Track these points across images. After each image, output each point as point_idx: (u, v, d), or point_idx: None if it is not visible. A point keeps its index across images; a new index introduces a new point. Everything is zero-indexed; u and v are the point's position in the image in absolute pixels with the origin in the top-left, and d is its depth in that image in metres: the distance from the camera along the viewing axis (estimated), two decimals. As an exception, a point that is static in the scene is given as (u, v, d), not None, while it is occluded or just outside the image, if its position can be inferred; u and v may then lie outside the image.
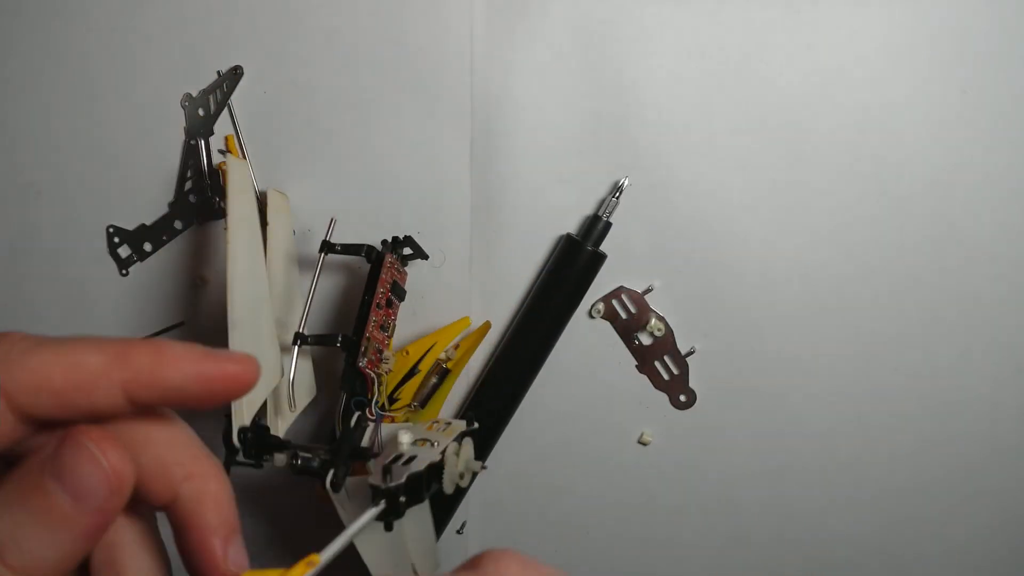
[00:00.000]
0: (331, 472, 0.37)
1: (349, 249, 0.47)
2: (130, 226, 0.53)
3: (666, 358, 0.51)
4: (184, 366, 0.22)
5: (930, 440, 0.51)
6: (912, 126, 0.48)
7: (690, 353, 0.51)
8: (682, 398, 0.52)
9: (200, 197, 0.52)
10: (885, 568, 0.54)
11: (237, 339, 0.40)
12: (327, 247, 0.47)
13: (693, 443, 0.53)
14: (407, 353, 0.48)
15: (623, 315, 0.51)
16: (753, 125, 0.49)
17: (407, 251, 0.50)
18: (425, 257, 0.50)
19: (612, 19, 0.49)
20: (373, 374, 0.44)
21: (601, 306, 0.51)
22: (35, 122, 0.53)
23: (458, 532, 0.55)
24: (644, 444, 0.53)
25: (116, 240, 0.53)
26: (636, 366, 0.52)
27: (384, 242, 0.49)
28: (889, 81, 0.48)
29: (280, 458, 0.39)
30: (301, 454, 0.38)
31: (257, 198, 0.49)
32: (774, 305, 0.50)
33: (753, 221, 0.50)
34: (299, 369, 0.46)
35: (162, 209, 0.53)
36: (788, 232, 0.50)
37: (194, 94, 0.51)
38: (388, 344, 0.47)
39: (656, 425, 0.52)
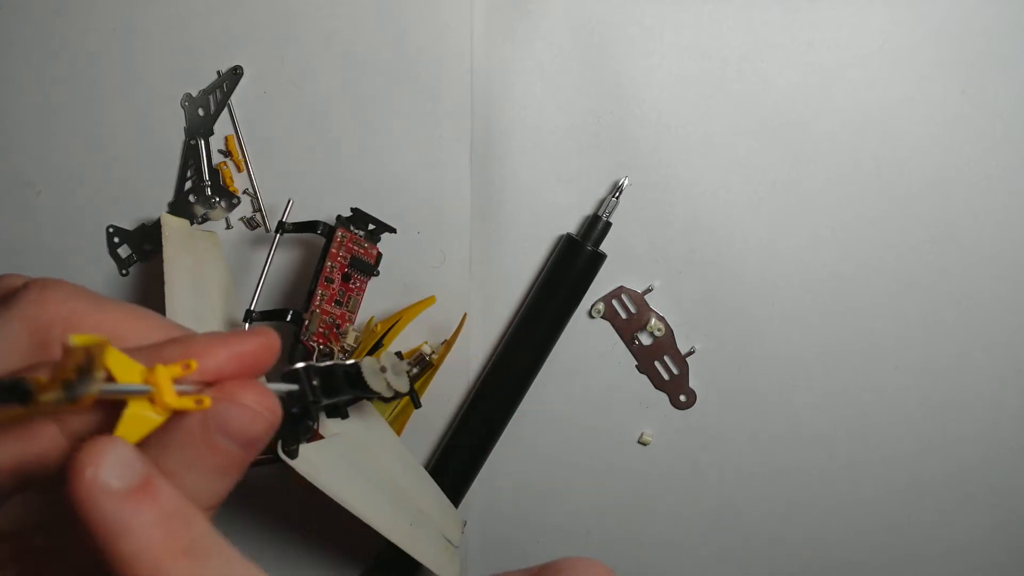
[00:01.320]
0: (279, 443, 0.36)
1: (303, 227, 0.47)
2: (130, 226, 0.53)
3: (666, 358, 0.51)
4: (216, 352, 0.23)
5: (930, 440, 0.51)
6: (912, 126, 0.48)
7: (690, 353, 0.51)
8: (682, 398, 0.52)
9: (199, 197, 0.52)
10: (885, 568, 0.53)
11: None
12: (281, 227, 0.47)
13: (693, 443, 0.53)
14: (375, 328, 0.49)
15: (623, 315, 0.51)
16: (753, 125, 0.49)
17: (371, 226, 0.48)
18: (392, 230, 0.49)
19: (612, 19, 0.49)
20: (317, 347, 0.44)
21: (601, 306, 0.51)
22: (35, 122, 0.53)
23: (458, 532, 0.55)
24: (644, 444, 0.53)
25: (116, 240, 0.53)
26: (636, 366, 0.52)
27: (338, 217, 0.47)
28: (889, 81, 0.48)
29: None
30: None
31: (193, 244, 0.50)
32: (774, 305, 0.50)
33: (753, 221, 0.50)
34: None
35: (162, 209, 0.53)
36: (788, 232, 0.50)
37: (194, 94, 0.51)
38: (351, 319, 0.47)
39: (656, 425, 0.52)
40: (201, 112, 0.51)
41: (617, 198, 0.49)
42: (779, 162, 0.49)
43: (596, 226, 0.49)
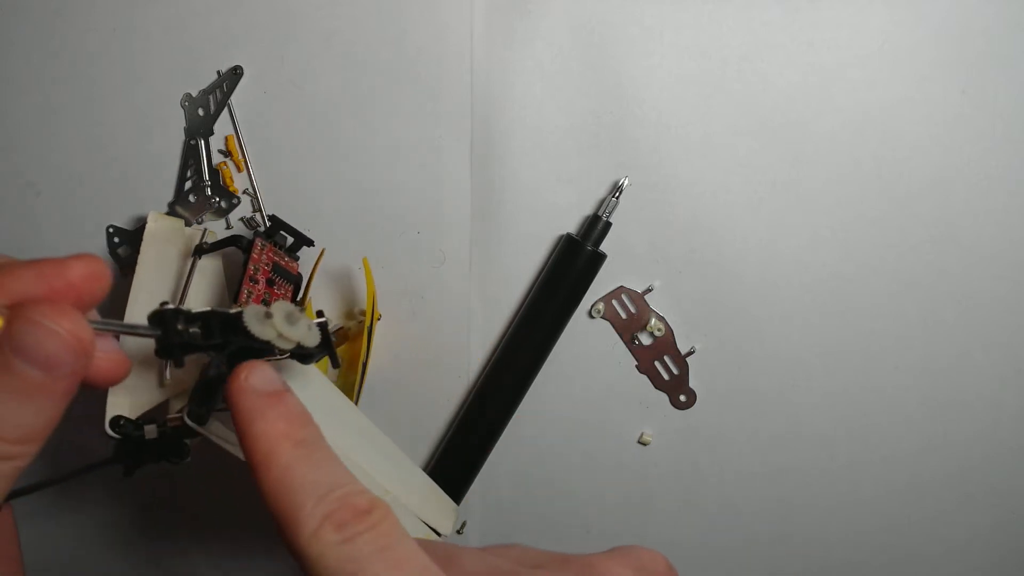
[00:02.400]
0: (186, 411, 0.36)
1: (221, 244, 0.47)
2: (130, 226, 0.53)
3: (666, 358, 0.51)
4: (22, 274, 0.24)
5: (930, 440, 0.51)
6: (912, 126, 0.48)
7: (690, 353, 0.51)
8: (682, 398, 0.52)
9: (199, 197, 0.52)
10: (885, 568, 0.54)
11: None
12: (199, 251, 0.47)
13: (693, 443, 0.53)
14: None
15: (623, 315, 0.51)
16: (753, 125, 0.49)
17: (289, 241, 0.48)
18: (310, 243, 0.49)
19: (612, 19, 0.49)
20: None
21: (601, 306, 0.51)
22: (35, 122, 0.53)
23: (458, 532, 0.55)
24: (644, 444, 0.53)
25: (116, 240, 0.53)
26: (636, 366, 0.52)
27: (255, 231, 0.49)
28: (889, 81, 0.48)
29: (150, 429, 0.39)
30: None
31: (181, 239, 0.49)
32: (774, 305, 0.50)
33: (753, 221, 0.50)
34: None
35: (162, 209, 0.53)
36: (788, 232, 0.50)
37: (194, 94, 0.51)
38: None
39: (656, 425, 0.52)
40: (201, 112, 0.51)
41: (617, 198, 0.49)
42: (779, 162, 0.49)
43: (596, 226, 0.49)
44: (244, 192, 0.52)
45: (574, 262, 0.49)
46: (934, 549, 0.53)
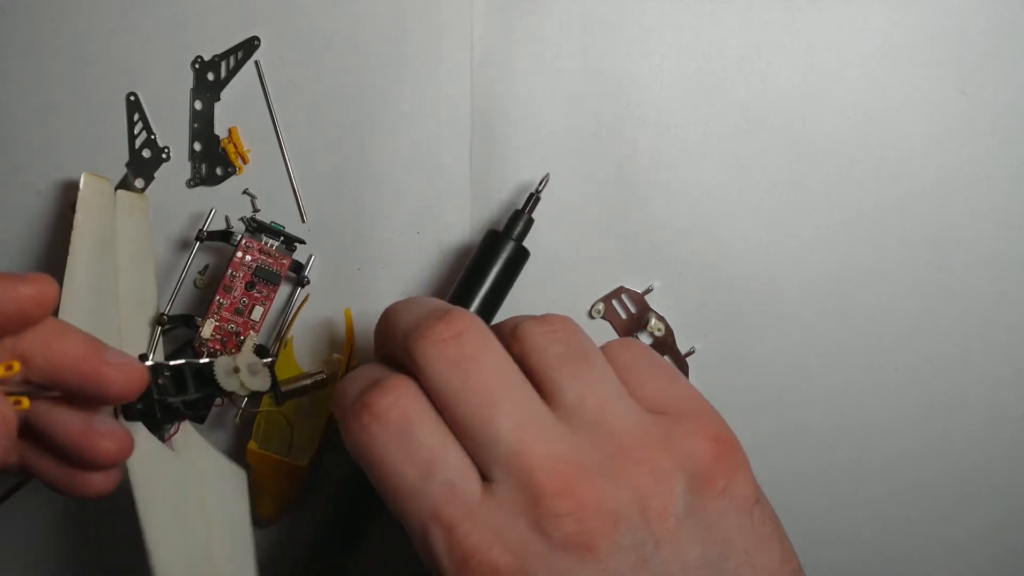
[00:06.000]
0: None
1: (216, 236, 0.48)
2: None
3: (666, 358, 0.52)
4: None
5: (930, 440, 0.51)
6: (912, 126, 0.48)
7: (690, 353, 0.51)
8: (682, 398, 0.52)
9: (153, 153, 0.51)
10: (885, 568, 0.54)
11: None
12: (199, 236, 0.48)
13: (693, 443, 0.53)
14: (286, 338, 0.50)
15: (623, 315, 0.51)
16: (753, 125, 0.49)
17: (282, 237, 0.49)
18: (301, 242, 0.49)
19: (612, 19, 0.49)
20: (208, 352, 0.47)
21: (601, 306, 0.51)
22: (33, 118, 0.52)
23: None
24: (644, 444, 0.53)
25: None
26: (636, 366, 0.52)
27: (247, 223, 0.49)
28: (889, 81, 0.48)
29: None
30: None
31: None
32: (774, 305, 0.50)
33: (753, 221, 0.50)
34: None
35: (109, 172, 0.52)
36: (788, 232, 0.50)
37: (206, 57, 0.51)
38: (254, 327, 0.48)
39: (656, 425, 0.52)
40: (211, 77, 0.51)
41: (539, 192, 0.47)
42: (779, 162, 0.49)
43: (518, 221, 0.47)
44: (244, 192, 0.52)
45: (496, 256, 0.47)
46: (934, 549, 0.53)
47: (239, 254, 0.47)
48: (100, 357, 0.26)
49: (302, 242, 0.49)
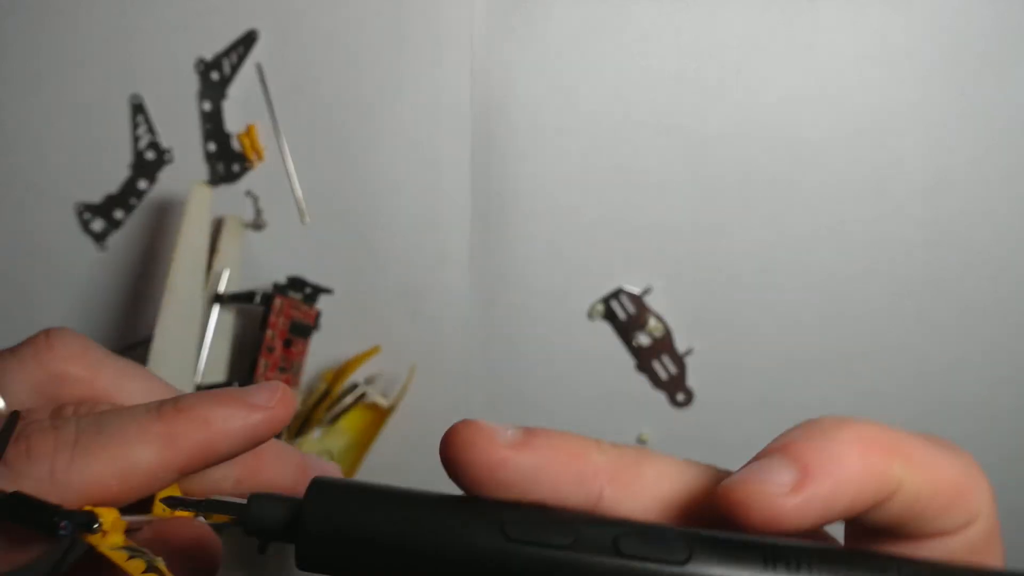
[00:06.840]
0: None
1: (240, 298, 0.48)
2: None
3: (664, 358, 0.52)
4: (233, 432, 0.22)
5: (928, 440, 0.52)
6: (911, 127, 0.48)
7: (688, 353, 0.52)
8: (680, 397, 0.52)
9: (157, 154, 0.52)
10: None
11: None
12: (219, 299, 0.48)
13: (691, 441, 0.53)
14: (326, 376, 0.50)
15: (622, 316, 0.51)
16: (752, 126, 0.49)
17: (307, 289, 0.50)
18: (328, 291, 0.50)
19: (612, 19, 0.49)
20: None
21: (600, 307, 0.51)
22: (30, 115, 0.53)
23: None
24: (643, 442, 0.53)
25: (86, 217, 0.52)
26: (635, 366, 0.52)
27: (275, 285, 0.49)
28: (888, 83, 0.47)
29: None
30: None
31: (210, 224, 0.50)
32: (772, 305, 0.51)
33: (752, 222, 0.50)
34: None
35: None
36: (787, 232, 0.50)
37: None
38: (295, 382, 0.49)
39: (655, 424, 0.53)
40: (216, 76, 0.52)
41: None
42: (779, 162, 0.49)
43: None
44: (247, 194, 0.52)
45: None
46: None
47: (273, 316, 0.47)
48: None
49: (329, 291, 0.50)
